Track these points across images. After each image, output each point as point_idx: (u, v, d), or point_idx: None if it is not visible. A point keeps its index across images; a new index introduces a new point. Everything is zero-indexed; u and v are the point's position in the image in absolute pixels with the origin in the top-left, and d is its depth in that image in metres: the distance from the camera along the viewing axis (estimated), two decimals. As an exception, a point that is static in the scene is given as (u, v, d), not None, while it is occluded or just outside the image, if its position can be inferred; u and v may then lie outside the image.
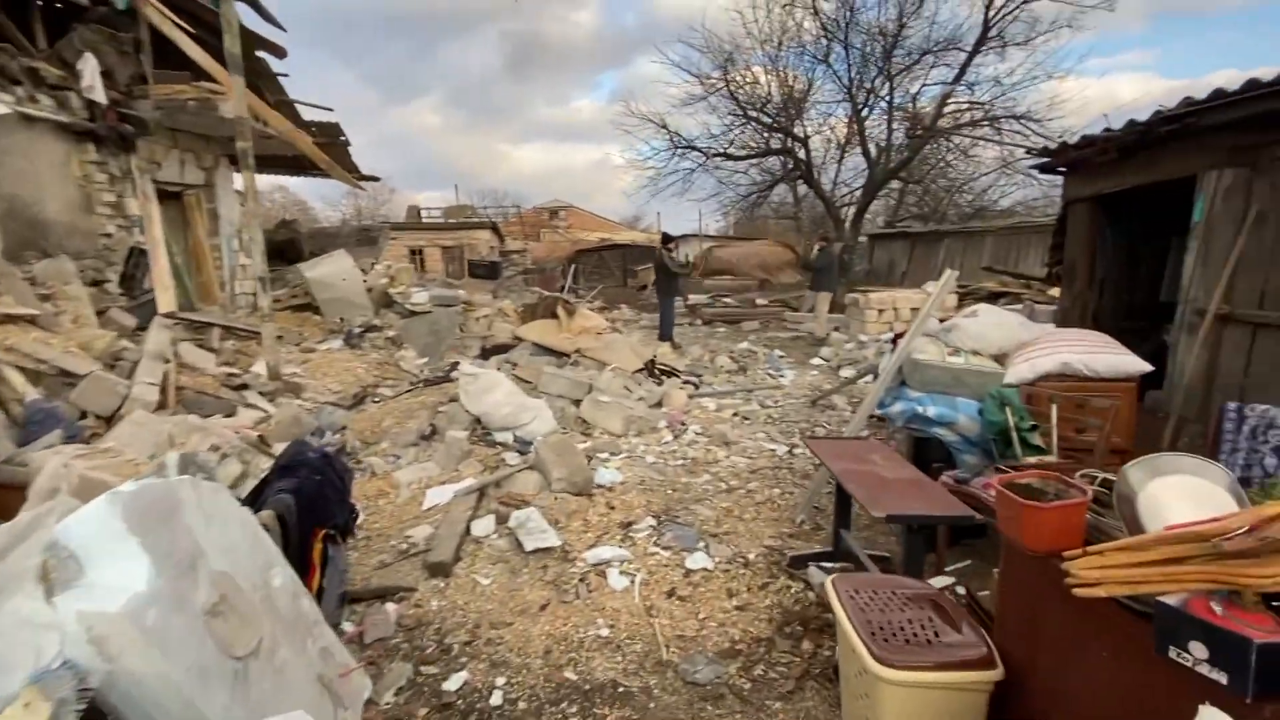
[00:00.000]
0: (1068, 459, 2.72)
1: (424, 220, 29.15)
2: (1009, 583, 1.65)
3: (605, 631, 2.59)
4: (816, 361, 8.60)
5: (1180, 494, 1.29)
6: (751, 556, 3.13)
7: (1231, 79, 3.24)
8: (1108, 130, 3.83)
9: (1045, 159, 4.51)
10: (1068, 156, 4.19)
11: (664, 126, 12.58)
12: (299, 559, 2.45)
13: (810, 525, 3.53)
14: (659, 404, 6.14)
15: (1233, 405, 2.53)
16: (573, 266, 30.67)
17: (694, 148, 12.86)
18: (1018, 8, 10.89)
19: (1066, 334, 3.09)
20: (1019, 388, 2.92)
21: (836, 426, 5.51)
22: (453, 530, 3.35)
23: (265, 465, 3.16)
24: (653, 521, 3.55)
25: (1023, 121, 10.87)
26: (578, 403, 5.54)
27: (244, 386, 4.84)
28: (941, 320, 3.72)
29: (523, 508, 3.65)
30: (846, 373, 7.63)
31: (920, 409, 3.09)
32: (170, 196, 7.84)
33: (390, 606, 2.77)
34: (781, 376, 7.72)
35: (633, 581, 2.92)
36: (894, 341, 4.92)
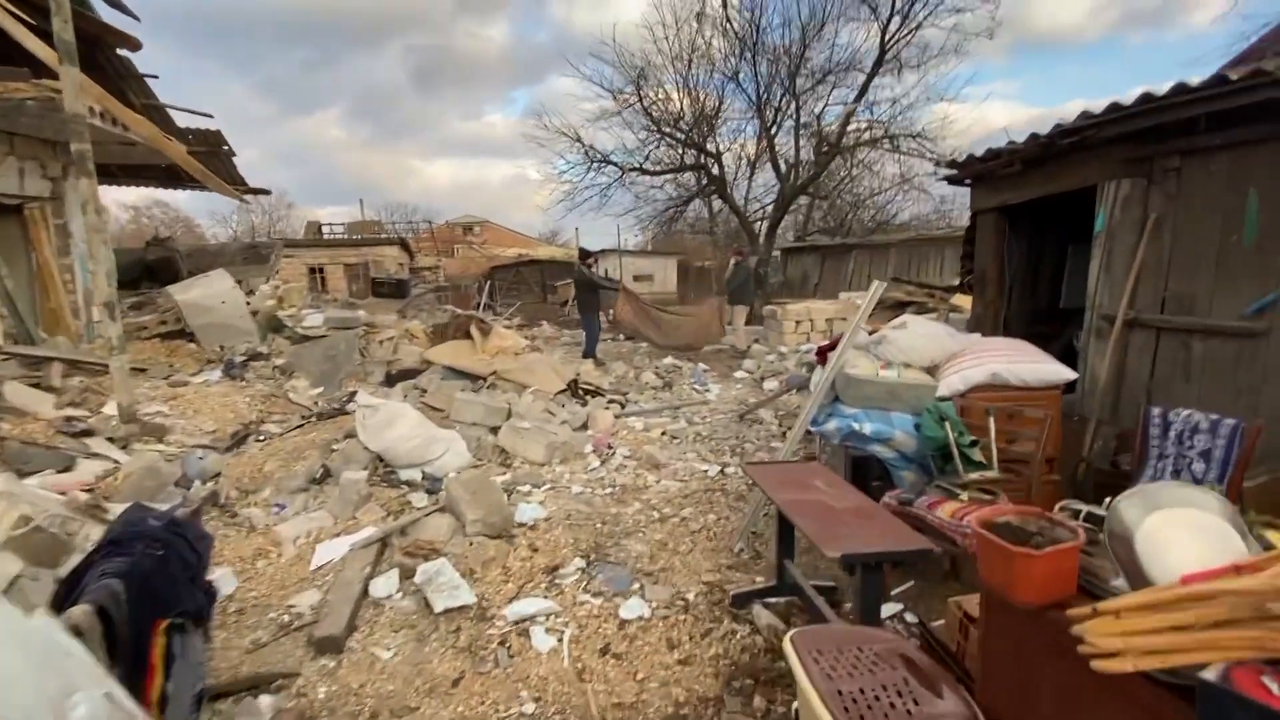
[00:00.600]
0: (1005, 472, 2.65)
1: (325, 237, 27.41)
2: (994, 638, 1.47)
3: (530, 707, 2.23)
4: (740, 374, 8.57)
5: (1183, 530, 1.16)
6: (691, 596, 2.87)
7: (1089, 106, 3.39)
8: (1011, 143, 3.93)
9: (952, 171, 4.62)
10: (974, 169, 4.30)
11: (578, 140, 12.40)
12: (133, 660, 1.94)
13: (749, 554, 3.32)
14: (584, 427, 5.82)
15: (1157, 410, 2.55)
16: (489, 283, 29.85)
17: (610, 162, 12.75)
18: (910, 34, 11.63)
19: (993, 344, 3.08)
20: (953, 401, 2.85)
21: (765, 441, 5.39)
22: (346, 594, 2.87)
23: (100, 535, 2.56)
24: (581, 563, 3.22)
25: (918, 140, 11.55)
26: (496, 430, 5.12)
27: (88, 433, 4.08)
28: (870, 332, 3.64)
29: (433, 558, 3.22)
30: (770, 385, 7.62)
31: (856, 426, 2.96)
32: (8, 210, 6.74)
33: (265, 700, 2.28)
34: (707, 391, 7.60)
35: (560, 640, 2.58)
36: (820, 356, 4.88)
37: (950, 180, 4.67)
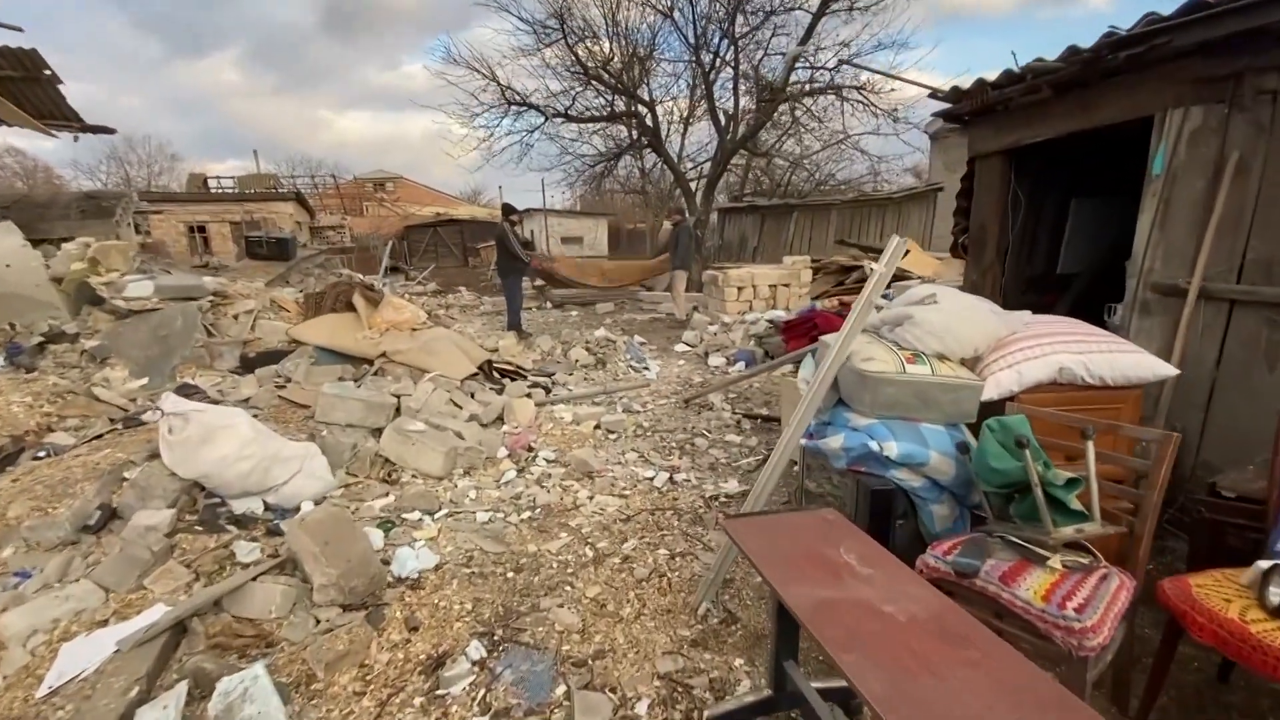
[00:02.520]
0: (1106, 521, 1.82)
1: (211, 191, 24.11)
2: None
3: None
4: (681, 348, 7.66)
5: None
6: (643, 711, 1.92)
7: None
8: (1039, 61, 3.08)
9: (946, 105, 3.75)
10: (981, 99, 3.44)
11: (493, 79, 10.80)
12: None
13: (718, 615, 2.42)
14: (499, 420, 4.74)
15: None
16: (401, 244, 27.47)
17: (530, 105, 11.23)
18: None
19: (1048, 325, 2.26)
20: (1017, 407, 2.00)
21: (718, 435, 4.50)
22: (76, 754, 1.74)
23: None
24: (480, 649, 2.21)
25: (863, 92, 10.81)
26: (381, 433, 3.96)
27: None
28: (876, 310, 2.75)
29: (252, 654, 2.13)
30: (716, 361, 6.75)
31: (875, 444, 2.07)
32: None
33: None
34: (646, 369, 6.64)
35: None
36: (789, 336, 3.99)
37: (946, 116, 3.81)
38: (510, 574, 2.72)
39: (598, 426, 4.65)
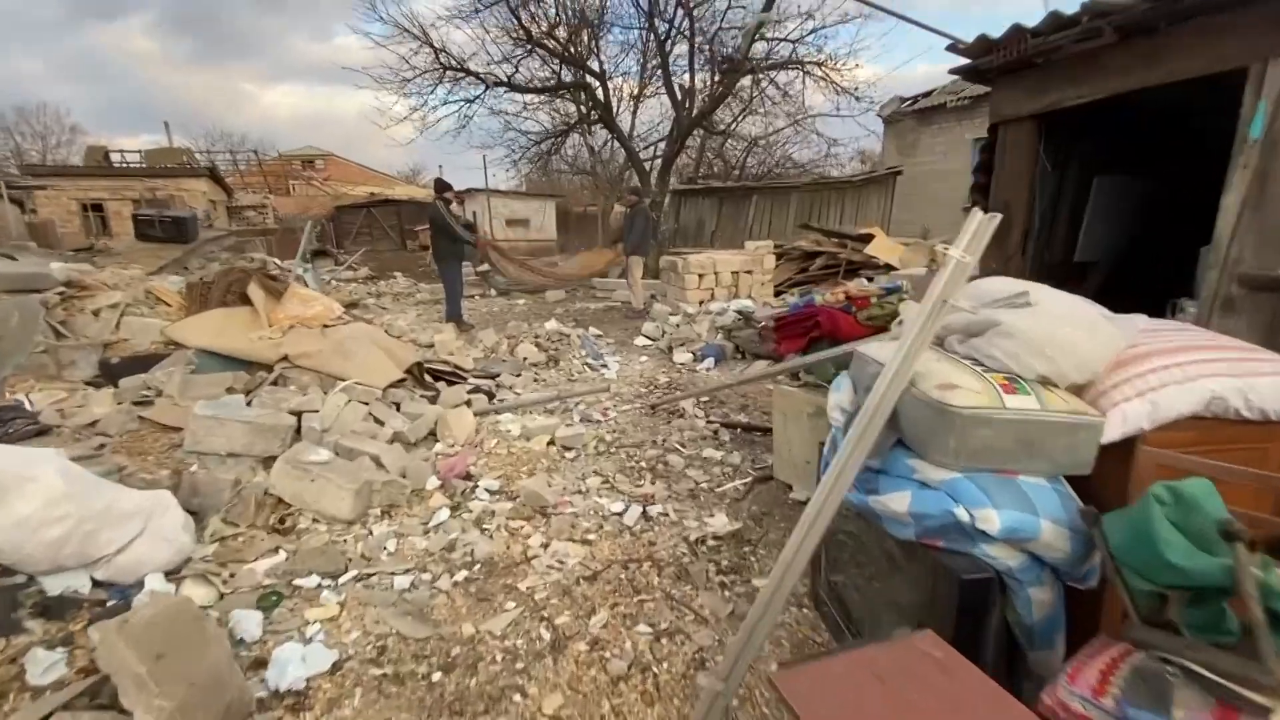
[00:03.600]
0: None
1: (113, 166, 21.62)
2: None
3: None
4: (642, 341, 6.97)
5: None
6: None
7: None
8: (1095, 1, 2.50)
9: (975, 56, 3.15)
10: (1018, 48, 2.85)
11: (427, 42, 9.62)
12: None
13: (730, 734, 1.76)
14: (431, 435, 3.95)
15: None
16: (331, 226, 25.62)
17: (468, 71, 10.14)
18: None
19: (1176, 335, 1.68)
20: (1153, 459, 1.41)
21: (695, 451, 3.84)
22: None
23: None
24: (386, 829, 1.47)
25: (824, 68, 10.29)
26: (274, 462, 3.11)
27: None
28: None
29: None
30: (681, 356, 6.09)
31: (963, 512, 1.43)
32: None
33: None
34: (605, 368, 5.92)
35: None
36: (782, 337, 3.35)
37: (966, 73, 3.22)
38: (437, 675, 1.98)
39: (552, 442, 3.92)
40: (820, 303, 3.03)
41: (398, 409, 4.13)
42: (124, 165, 21.73)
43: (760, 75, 10.25)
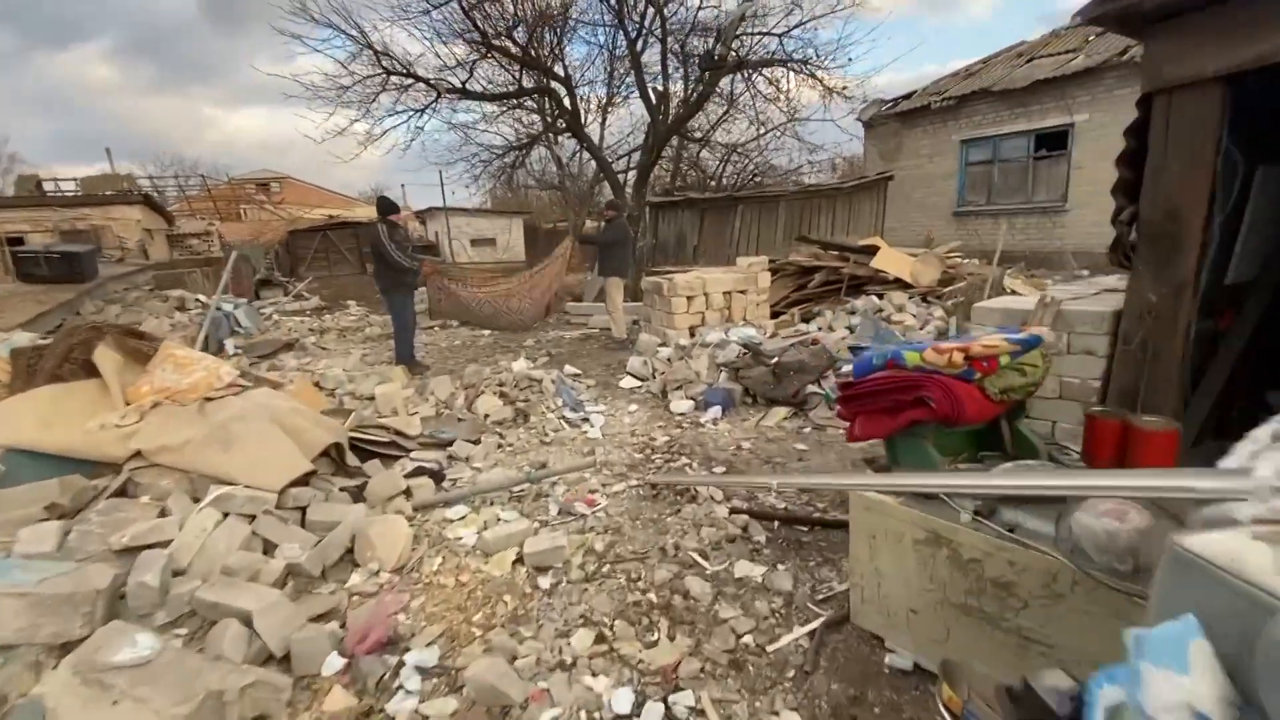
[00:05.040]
0: None
1: (46, 195, 19.82)
2: None
3: None
4: (628, 382, 5.86)
5: None
6: None
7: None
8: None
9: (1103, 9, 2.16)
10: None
11: (366, 44, 8.41)
12: None
13: None
14: (346, 557, 2.80)
15: None
16: (285, 251, 24.12)
17: (414, 76, 8.96)
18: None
19: None
20: None
21: (721, 565, 2.74)
22: None
23: None
24: None
25: (810, 65, 9.43)
26: (67, 649, 1.92)
27: None
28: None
29: None
30: (681, 404, 5.00)
31: None
32: None
33: None
34: (586, 422, 4.80)
35: None
36: (851, 404, 2.27)
37: (1107, 20, 2.22)
38: None
39: (520, 560, 2.78)
40: (914, 364, 1.96)
41: (302, 518, 2.96)
42: (57, 194, 19.98)
43: (748, 72, 9.29)
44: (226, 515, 2.72)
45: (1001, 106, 13.08)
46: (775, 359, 5.01)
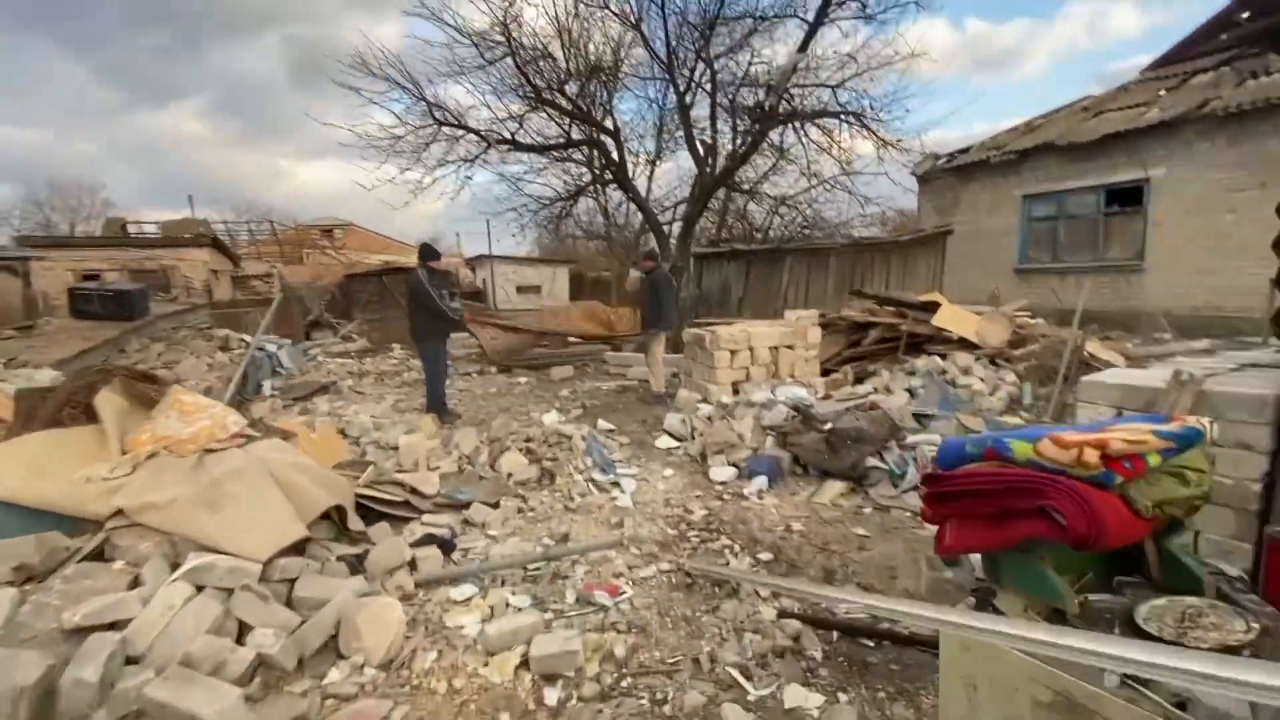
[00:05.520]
0: None
1: (128, 237, 21.23)
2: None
3: None
4: (665, 442, 5.43)
5: None
6: None
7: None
8: None
9: None
10: None
11: (421, 96, 8.64)
12: None
13: None
14: (330, 645, 2.42)
15: None
16: (341, 295, 25.03)
17: (465, 127, 9.14)
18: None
19: None
20: None
21: (767, 684, 2.24)
22: None
23: None
24: None
25: (864, 119, 9.18)
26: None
27: None
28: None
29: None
30: (721, 471, 4.52)
31: None
32: None
33: None
34: (616, 485, 4.38)
35: None
36: (943, 505, 1.81)
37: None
38: None
39: (524, 664, 2.34)
40: (1025, 458, 1.49)
41: (288, 593, 2.62)
42: (140, 235, 21.36)
43: (800, 123, 9.07)
44: (201, 589, 2.40)
45: (1066, 161, 12.50)
46: (829, 425, 4.51)
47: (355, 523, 3.27)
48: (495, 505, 3.98)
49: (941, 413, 4.72)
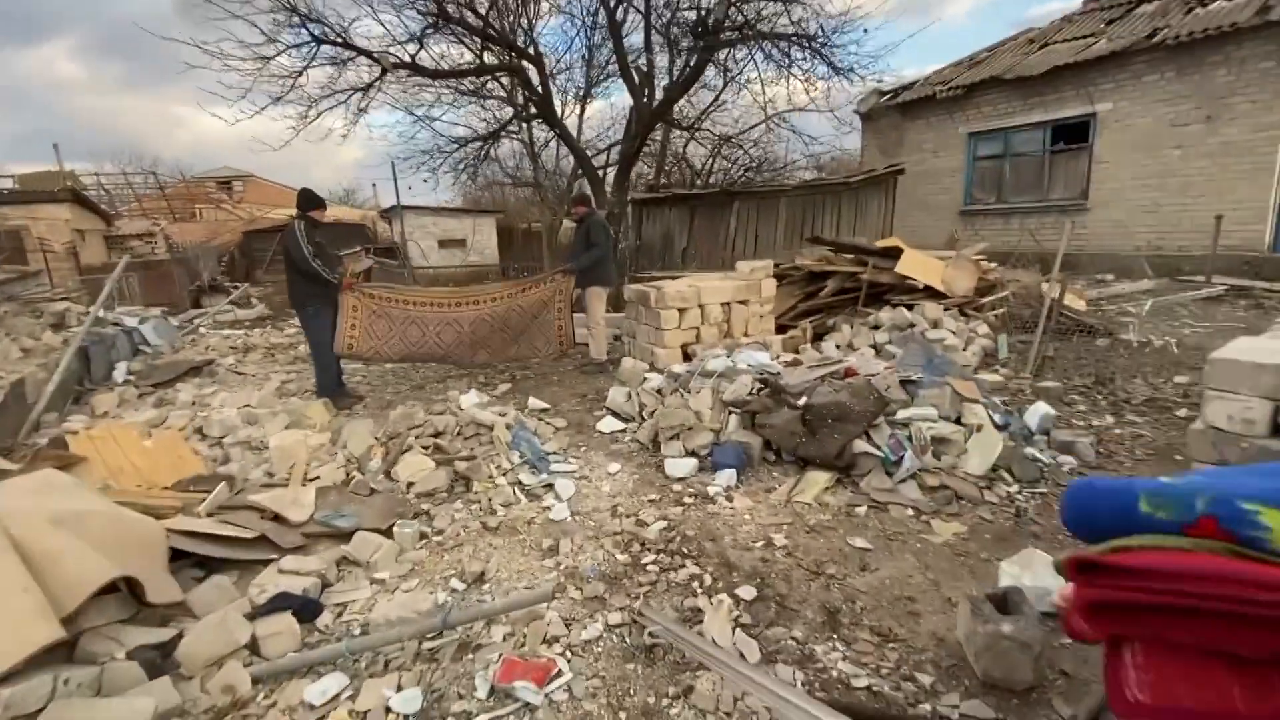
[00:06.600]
0: None
1: None
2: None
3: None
4: (609, 424, 4.56)
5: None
6: None
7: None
8: None
9: None
10: None
11: (291, 8, 6.90)
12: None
13: None
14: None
15: None
16: (240, 254, 22.58)
17: (352, 46, 7.52)
18: None
19: None
20: None
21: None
22: None
23: None
24: None
25: (816, 42, 8.22)
26: None
27: None
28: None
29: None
30: (679, 465, 3.69)
31: None
32: None
33: None
34: (550, 493, 3.49)
35: None
36: (1103, 619, 1.00)
37: None
38: None
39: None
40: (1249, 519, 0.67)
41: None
42: None
43: (751, 44, 7.96)
44: None
45: (1014, 96, 12.03)
46: (802, 397, 3.75)
47: (162, 592, 2.25)
48: (387, 532, 3.02)
49: (929, 377, 4.03)
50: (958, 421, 3.70)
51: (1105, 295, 8.79)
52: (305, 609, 2.40)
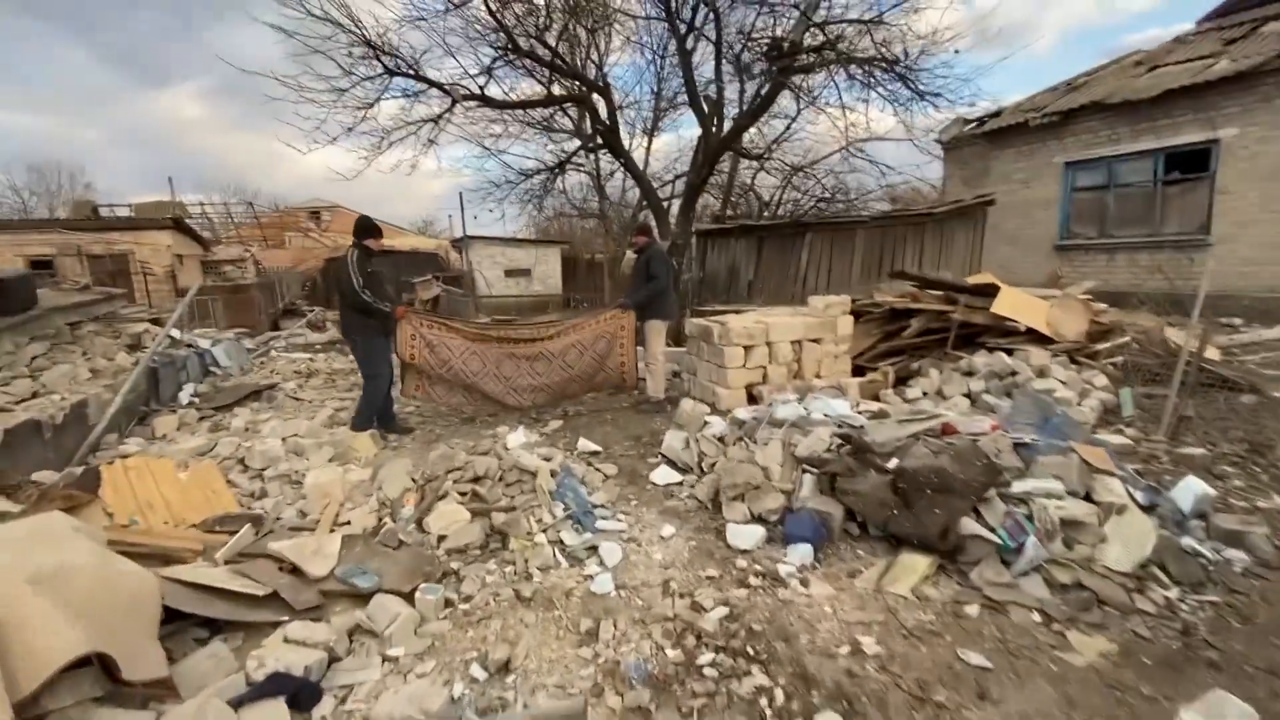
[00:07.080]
0: None
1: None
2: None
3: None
4: (664, 476, 4.10)
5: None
6: None
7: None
8: None
9: None
10: None
11: (363, 39, 7.05)
12: None
13: None
14: None
15: None
16: (322, 280, 23.68)
17: (423, 79, 7.63)
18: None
19: None
20: None
21: None
22: None
23: None
24: None
25: (900, 67, 7.71)
26: None
27: None
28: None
29: None
30: (743, 535, 3.18)
31: None
32: None
33: None
34: (594, 556, 3.06)
35: None
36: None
37: None
38: None
39: None
40: None
41: None
42: (111, 218, 19.89)
43: (831, 67, 7.54)
44: None
45: (1120, 122, 11.01)
46: (893, 459, 3.18)
47: (140, 668, 1.95)
48: (410, 595, 2.67)
49: (1045, 440, 3.37)
50: (1088, 499, 3.03)
51: (1239, 343, 7.66)
52: (303, 693, 2.05)
